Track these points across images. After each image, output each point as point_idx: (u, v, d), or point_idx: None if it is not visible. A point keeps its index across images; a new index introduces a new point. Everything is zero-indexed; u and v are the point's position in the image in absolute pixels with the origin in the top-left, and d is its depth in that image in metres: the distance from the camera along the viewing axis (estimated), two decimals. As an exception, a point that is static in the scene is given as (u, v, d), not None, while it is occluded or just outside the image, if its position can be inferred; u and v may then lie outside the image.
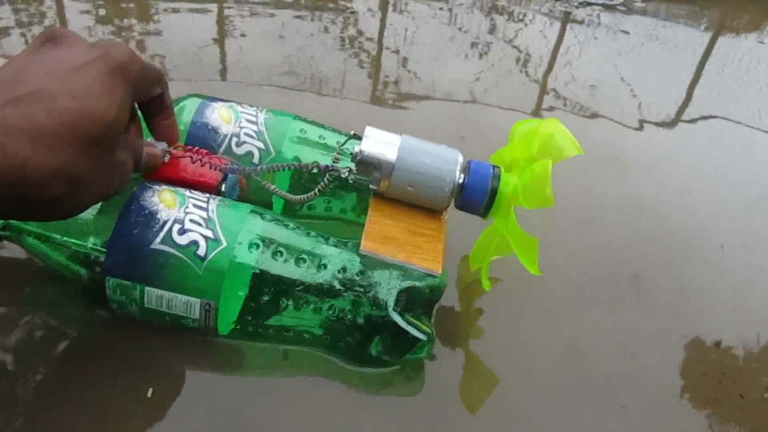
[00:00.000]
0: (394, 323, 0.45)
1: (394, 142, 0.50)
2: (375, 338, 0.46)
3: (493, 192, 0.50)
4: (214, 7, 1.04)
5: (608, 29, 1.20)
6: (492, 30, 1.13)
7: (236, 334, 0.47)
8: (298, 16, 1.06)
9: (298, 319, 0.46)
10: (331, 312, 0.46)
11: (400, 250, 0.47)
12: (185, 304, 0.45)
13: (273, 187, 0.53)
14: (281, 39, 0.99)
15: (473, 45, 1.07)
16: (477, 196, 0.50)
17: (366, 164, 0.49)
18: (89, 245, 0.45)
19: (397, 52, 1.01)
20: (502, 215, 0.51)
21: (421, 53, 1.01)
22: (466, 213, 0.52)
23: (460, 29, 1.12)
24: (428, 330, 0.46)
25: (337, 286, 0.46)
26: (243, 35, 0.98)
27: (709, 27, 1.29)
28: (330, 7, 1.11)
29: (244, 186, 0.55)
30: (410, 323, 0.46)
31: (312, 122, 0.60)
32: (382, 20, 1.10)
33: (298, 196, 0.52)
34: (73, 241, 0.45)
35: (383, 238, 0.48)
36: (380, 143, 0.50)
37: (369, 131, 0.50)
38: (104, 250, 0.44)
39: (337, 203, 0.60)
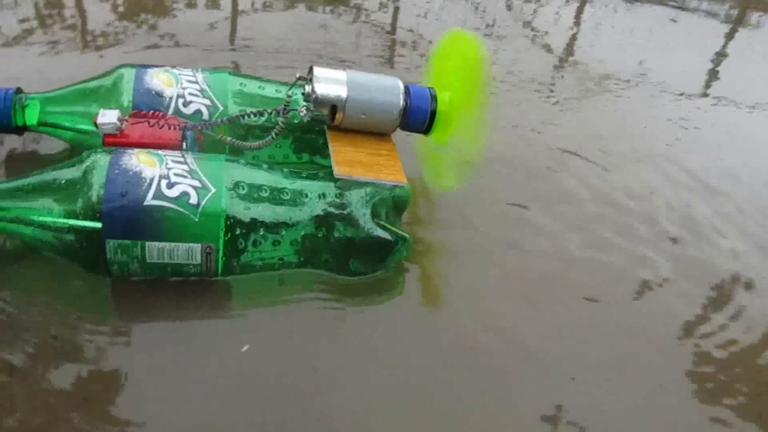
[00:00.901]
0: (371, 234, 0.51)
1: (341, 78, 0.55)
2: (353, 255, 0.52)
3: (433, 112, 0.57)
4: None
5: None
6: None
7: (229, 271, 0.51)
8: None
9: (277, 251, 0.51)
10: (306, 239, 0.51)
11: (368, 170, 0.53)
12: (186, 252, 0.48)
13: (229, 138, 0.56)
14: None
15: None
16: (420, 117, 0.57)
17: (321, 103, 0.54)
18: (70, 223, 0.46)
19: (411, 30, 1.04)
20: (441, 131, 0.58)
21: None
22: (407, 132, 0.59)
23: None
24: (405, 234, 0.53)
25: (320, 212, 0.51)
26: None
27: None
28: None
29: (201, 141, 0.57)
30: (387, 230, 0.52)
31: (248, 76, 0.63)
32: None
33: (255, 143, 0.56)
34: (58, 220, 0.46)
35: (351, 162, 0.54)
36: (331, 82, 0.55)
37: (317, 71, 0.55)
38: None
39: (277, 151, 0.64)
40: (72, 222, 0.46)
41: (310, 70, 0.55)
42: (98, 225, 0.46)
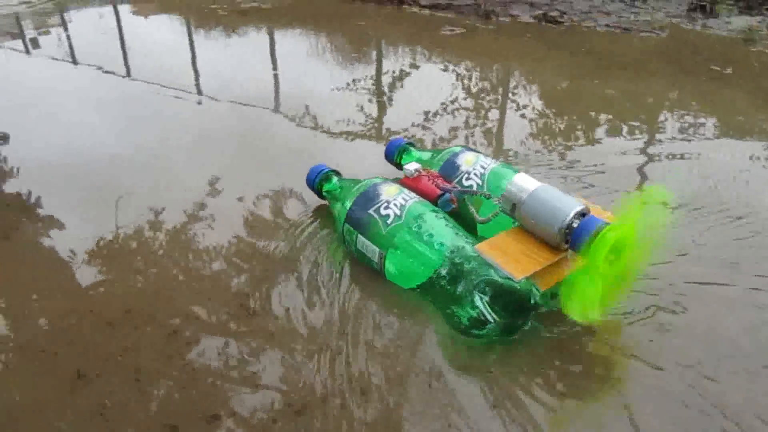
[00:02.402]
0: (463, 296, 0.64)
1: (529, 188, 0.67)
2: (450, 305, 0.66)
3: (594, 235, 0.61)
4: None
5: None
6: None
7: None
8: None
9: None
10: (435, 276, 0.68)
11: (500, 256, 0.65)
12: (373, 251, 0.74)
13: (471, 207, 0.77)
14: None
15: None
16: (580, 237, 0.63)
17: (507, 200, 0.69)
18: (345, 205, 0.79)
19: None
20: (594, 259, 0.61)
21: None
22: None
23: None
24: (494, 317, 0.63)
25: (446, 262, 0.67)
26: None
27: None
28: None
29: (455, 203, 0.80)
30: (484, 305, 0.63)
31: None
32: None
33: (482, 218, 0.75)
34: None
35: (497, 247, 0.67)
36: (521, 189, 0.68)
37: (517, 177, 0.69)
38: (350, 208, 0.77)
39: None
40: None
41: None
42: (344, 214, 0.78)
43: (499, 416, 0.57)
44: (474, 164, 0.83)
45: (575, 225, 0.64)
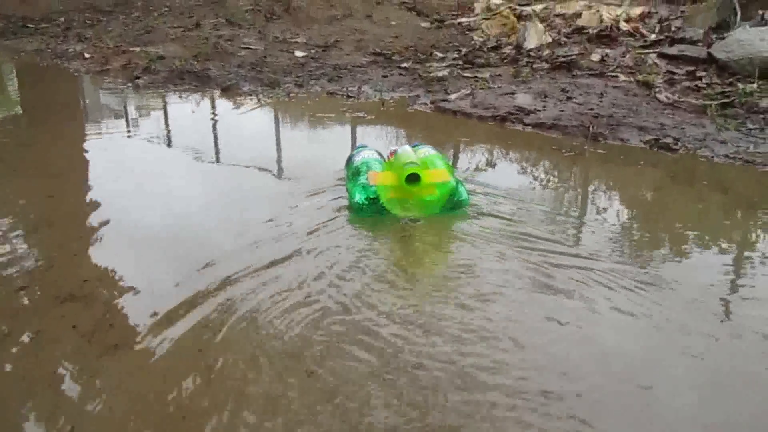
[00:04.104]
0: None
1: (396, 149, 1.08)
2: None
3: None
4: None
5: None
6: None
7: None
8: None
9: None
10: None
11: (372, 178, 1.42)
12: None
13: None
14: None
15: None
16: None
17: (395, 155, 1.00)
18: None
19: None
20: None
21: None
22: None
23: None
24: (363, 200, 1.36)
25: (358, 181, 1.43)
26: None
27: None
28: None
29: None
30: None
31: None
32: None
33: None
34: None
35: (375, 174, 1.42)
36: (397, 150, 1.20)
37: (400, 148, 1.05)
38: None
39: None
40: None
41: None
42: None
43: None
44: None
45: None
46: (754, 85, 2.33)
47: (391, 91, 2.75)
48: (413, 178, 1.37)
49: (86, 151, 2.02)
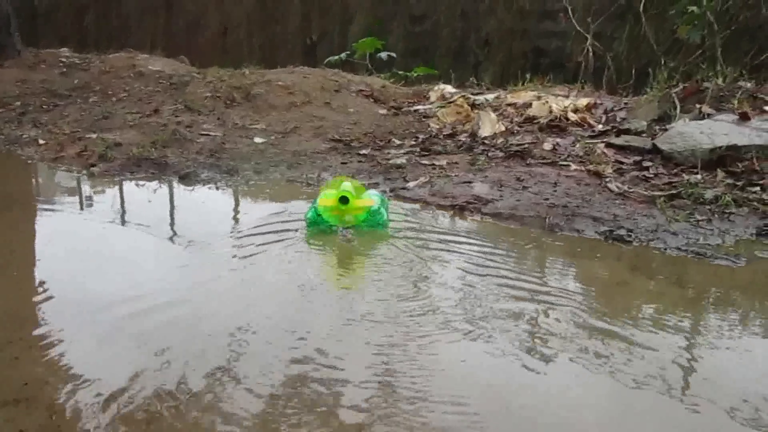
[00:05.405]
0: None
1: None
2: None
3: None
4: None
5: None
6: None
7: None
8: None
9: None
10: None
11: (321, 201, 2.04)
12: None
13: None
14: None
15: None
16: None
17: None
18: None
19: None
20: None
21: None
22: None
23: None
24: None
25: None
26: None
27: None
28: None
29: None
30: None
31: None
32: None
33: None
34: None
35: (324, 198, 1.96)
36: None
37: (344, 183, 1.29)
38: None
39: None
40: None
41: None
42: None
43: None
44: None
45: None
46: (699, 176, 2.45)
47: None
48: (344, 200, 2.02)
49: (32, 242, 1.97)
